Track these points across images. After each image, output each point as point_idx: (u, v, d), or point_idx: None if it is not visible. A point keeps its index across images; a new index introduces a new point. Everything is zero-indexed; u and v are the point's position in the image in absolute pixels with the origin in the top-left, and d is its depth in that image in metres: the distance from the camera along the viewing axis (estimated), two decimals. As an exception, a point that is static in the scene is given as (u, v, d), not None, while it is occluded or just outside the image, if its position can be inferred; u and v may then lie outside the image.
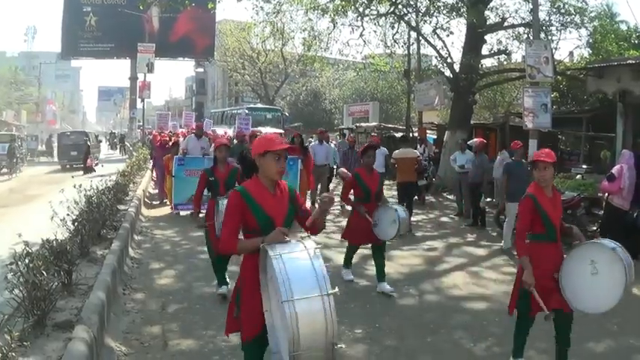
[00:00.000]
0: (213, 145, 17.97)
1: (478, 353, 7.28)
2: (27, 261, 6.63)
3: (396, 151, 17.29)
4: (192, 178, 15.53)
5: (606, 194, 13.05)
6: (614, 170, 12.27)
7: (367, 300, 9.43)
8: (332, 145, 22.55)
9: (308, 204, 16.10)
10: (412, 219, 15.62)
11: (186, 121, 36.25)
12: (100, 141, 56.31)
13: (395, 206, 10.24)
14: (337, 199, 11.03)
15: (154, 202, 20.42)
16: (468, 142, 18.62)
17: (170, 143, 21.36)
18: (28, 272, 6.48)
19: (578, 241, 6.03)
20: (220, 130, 29.45)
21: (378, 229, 9.82)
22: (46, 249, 7.59)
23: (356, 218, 10.12)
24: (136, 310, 8.63)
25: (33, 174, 34.47)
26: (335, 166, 20.84)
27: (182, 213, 17.28)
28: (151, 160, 25.79)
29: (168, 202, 19.00)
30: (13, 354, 5.33)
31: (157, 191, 21.92)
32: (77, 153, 37.74)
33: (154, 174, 23.91)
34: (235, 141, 20.34)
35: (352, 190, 10.19)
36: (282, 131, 34.29)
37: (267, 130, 30.52)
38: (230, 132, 29.11)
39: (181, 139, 23.20)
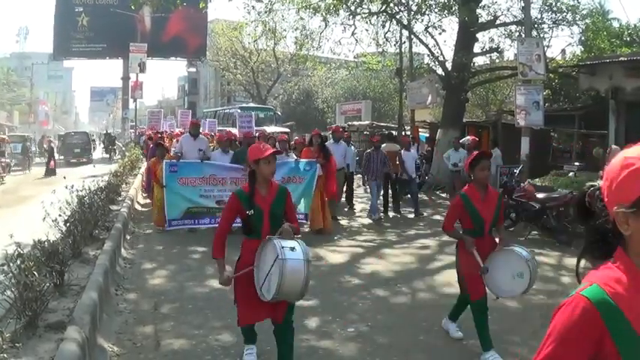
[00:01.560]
0: (216, 146, 17.24)
1: (471, 350, 7.28)
2: (19, 262, 6.62)
3: (382, 144, 18.48)
4: (187, 188, 14.07)
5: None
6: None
7: (359, 298, 9.43)
8: (351, 147, 20.33)
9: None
10: (409, 216, 17.62)
11: (183, 120, 33.93)
12: (94, 141, 56.24)
13: (519, 249, 7.05)
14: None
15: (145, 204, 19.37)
16: (461, 141, 18.66)
17: (162, 143, 18.42)
18: (20, 273, 6.47)
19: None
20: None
21: (494, 280, 6.98)
22: (38, 250, 7.58)
23: (465, 259, 7.13)
24: (129, 311, 8.62)
25: (26, 174, 34.38)
26: (353, 171, 20.05)
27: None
28: (145, 162, 23.26)
29: (153, 219, 15.53)
30: (5, 355, 5.32)
31: (148, 201, 19.10)
32: (80, 150, 46.54)
33: (144, 179, 21.14)
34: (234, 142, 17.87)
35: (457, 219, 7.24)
36: (288, 130, 34.16)
37: (272, 129, 30.37)
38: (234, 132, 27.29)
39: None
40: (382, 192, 18.28)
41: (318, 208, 14.94)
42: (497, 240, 7.18)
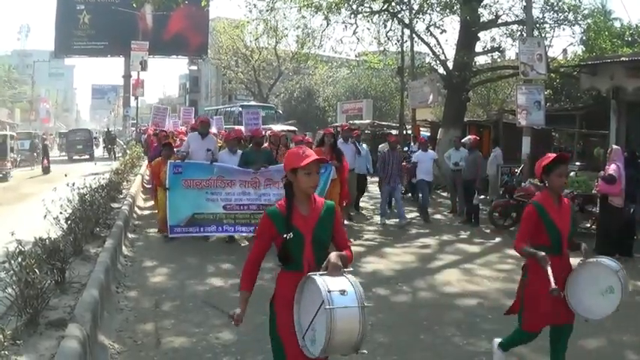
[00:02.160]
0: (224, 145, 15.96)
1: (471, 350, 7.29)
2: (20, 259, 6.63)
3: (381, 145, 19.30)
4: (192, 191, 12.92)
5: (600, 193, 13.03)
6: (612, 171, 12.07)
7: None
8: (364, 146, 19.16)
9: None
10: (407, 216, 16.99)
11: (185, 117, 31.87)
12: (96, 138, 56.46)
13: (607, 260, 6.04)
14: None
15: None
16: (462, 140, 18.65)
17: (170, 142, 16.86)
18: (21, 271, 6.48)
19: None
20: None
21: (581, 301, 5.89)
22: (39, 247, 7.61)
23: (536, 283, 5.84)
24: (129, 308, 8.63)
25: (27, 172, 34.43)
26: (365, 173, 18.90)
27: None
28: (146, 160, 22.56)
29: (158, 225, 14.41)
30: (6, 352, 5.33)
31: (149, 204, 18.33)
32: (82, 147, 48.96)
33: (144, 181, 20.55)
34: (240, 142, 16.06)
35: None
36: (295, 128, 34.03)
37: (278, 127, 30.24)
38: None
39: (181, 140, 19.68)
40: (399, 196, 16.89)
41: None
42: (574, 259, 6.09)
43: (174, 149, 15.83)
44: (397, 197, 16.79)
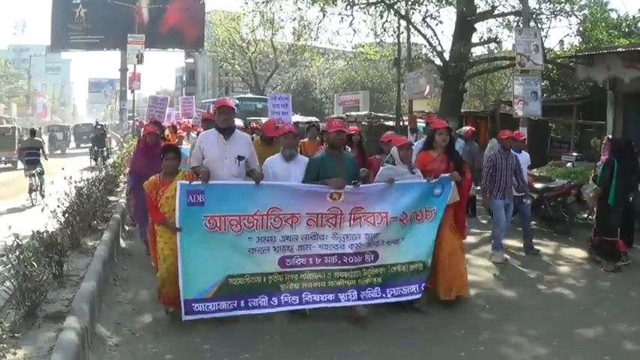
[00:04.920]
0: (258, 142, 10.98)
1: (467, 339, 7.31)
2: (18, 253, 6.65)
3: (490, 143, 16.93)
4: (224, 237, 7.65)
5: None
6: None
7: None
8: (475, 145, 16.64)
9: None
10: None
11: (185, 108, 27.14)
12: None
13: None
14: None
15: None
16: (458, 130, 18.66)
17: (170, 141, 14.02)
18: (19, 264, 6.51)
19: None
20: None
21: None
22: (37, 240, 7.64)
23: None
24: (127, 301, 8.64)
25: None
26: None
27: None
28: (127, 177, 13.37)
29: (158, 297, 8.07)
30: (5, 345, 5.35)
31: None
32: (87, 138, 49.32)
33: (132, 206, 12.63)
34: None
35: None
36: (315, 119, 33.62)
37: (296, 118, 30.06)
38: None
39: (187, 140, 16.68)
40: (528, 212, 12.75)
41: (445, 256, 8.65)
42: None
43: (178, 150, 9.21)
44: (498, 217, 11.87)
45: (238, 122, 15.73)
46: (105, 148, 35.53)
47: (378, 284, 8.07)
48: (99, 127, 37.90)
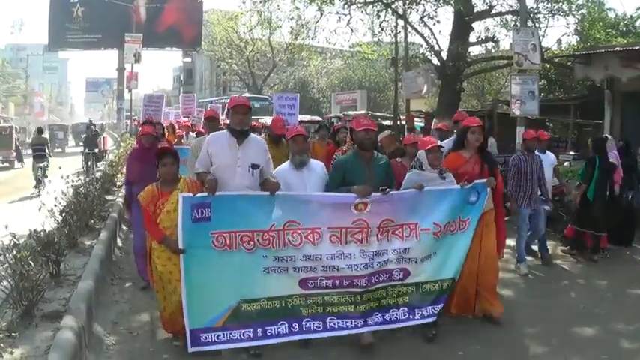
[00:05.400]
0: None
1: (465, 338, 7.30)
2: (15, 252, 6.66)
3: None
4: (234, 257, 6.68)
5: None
6: (612, 159, 12.08)
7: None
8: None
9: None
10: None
11: (186, 107, 25.69)
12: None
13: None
14: None
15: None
16: (454, 129, 18.67)
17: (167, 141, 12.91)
18: (16, 263, 6.52)
19: None
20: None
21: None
22: (34, 240, 7.64)
23: None
24: (125, 300, 8.65)
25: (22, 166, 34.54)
26: None
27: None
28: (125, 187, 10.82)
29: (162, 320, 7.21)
30: (2, 344, 5.36)
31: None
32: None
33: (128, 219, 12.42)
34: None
35: None
36: (318, 118, 33.52)
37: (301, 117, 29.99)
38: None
39: (186, 140, 16.07)
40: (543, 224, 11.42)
41: (471, 272, 7.74)
42: None
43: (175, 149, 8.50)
44: (540, 226, 11.27)
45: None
46: (97, 150, 31.17)
47: (405, 304, 7.10)
48: (92, 127, 33.47)
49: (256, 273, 6.71)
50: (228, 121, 7.57)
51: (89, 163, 29.31)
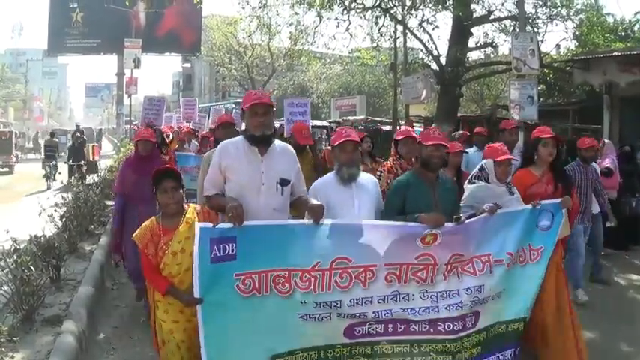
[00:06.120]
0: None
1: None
2: (15, 257, 6.69)
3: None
4: (266, 303, 4.98)
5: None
6: (609, 164, 12.07)
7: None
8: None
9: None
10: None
11: (187, 112, 22.96)
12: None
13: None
14: None
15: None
16: (452, 134, 18.71)
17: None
18: (17, 268, 6.54)
19: None
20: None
21: None
22: (35, 245, 7.66)
23: None
24: (125, 305, 8.67)
25: (22, 171, 34.52)
26: None
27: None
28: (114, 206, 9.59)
29: None
30: (3, 349, 5.38)
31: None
32: (87, 140, 48.20)
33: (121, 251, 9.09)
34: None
35: None
36: (327, 124, 33.35)
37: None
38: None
39: (189, 147, 15.40)
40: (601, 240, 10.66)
41: (553, 311, 6.09)
42: None
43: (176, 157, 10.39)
44: (599, 242, 10.50)
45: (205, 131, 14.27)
46: (83, 162, 26.79)
47: (478, 354, 5.55)
48: (77, 134, 29.60)
49: (291, 321, 5.06)
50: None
51: (72, 178, 21.93)
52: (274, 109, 5.47)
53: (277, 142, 5.55)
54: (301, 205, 5.50)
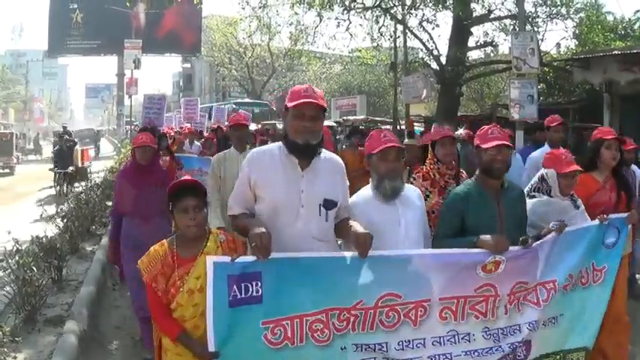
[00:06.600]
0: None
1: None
2: (17, 258, 6.71)
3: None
4: (301, 354, 3.91)
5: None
6: None
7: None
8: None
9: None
10: None
11: (189, 112, 21.91)
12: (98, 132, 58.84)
13: None
14: None
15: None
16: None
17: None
18: (19, 269, 6.56)
19: None
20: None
21: None
22: (36, 245, 7.68)
23: None
24: (127, 305, 8.64)
25: (23, 172, 34.57)
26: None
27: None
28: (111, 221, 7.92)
29: None
30: (5, 349, 5.39)
31: None
32: (89, 140, 50.15)
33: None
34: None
35: None
36: (332, 124, 32.84)
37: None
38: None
39: (190, 148, 14.90)
40: None
41: (619, 337, 5.71)
42: None
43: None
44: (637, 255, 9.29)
45: (252, 126, 12.63)
46: (71, 168, 23.10)
47: None
48: (65, 136, 25.48)
49: None
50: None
51: (58, 188, 21.93)
52: (326, 113, 4.29)
53: (325, 153, 4.37)
54: (343, 230, 4.33)
